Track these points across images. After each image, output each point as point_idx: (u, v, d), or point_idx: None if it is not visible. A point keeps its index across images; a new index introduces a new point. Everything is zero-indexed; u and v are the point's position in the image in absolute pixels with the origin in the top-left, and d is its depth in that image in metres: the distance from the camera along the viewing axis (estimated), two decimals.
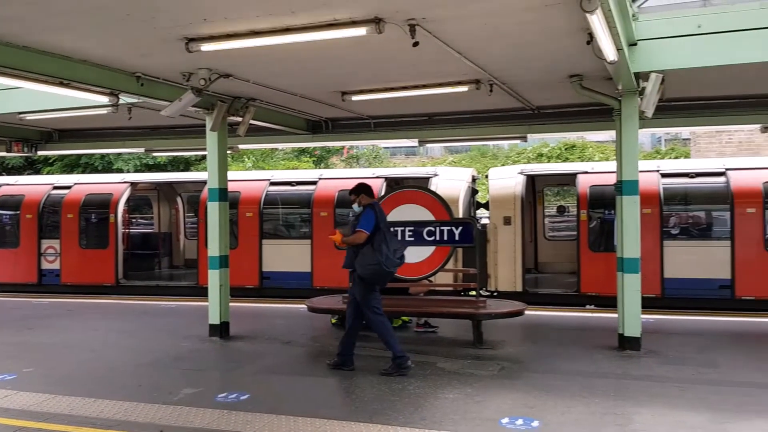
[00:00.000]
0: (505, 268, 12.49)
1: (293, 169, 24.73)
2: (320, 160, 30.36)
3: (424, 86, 8.92)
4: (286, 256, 13.62)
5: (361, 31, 5.98)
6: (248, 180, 14.90)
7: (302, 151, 29.40)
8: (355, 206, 7.55)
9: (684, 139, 28.13)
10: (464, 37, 6.69)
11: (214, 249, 9.60)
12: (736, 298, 11.19)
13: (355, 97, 9.47)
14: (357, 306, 7.42)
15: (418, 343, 8.97)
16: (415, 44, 6.17)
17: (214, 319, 9.48)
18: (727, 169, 11.80)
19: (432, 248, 9.04)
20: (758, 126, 11.11)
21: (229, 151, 11.41)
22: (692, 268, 11.37)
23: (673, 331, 9.43)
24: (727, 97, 10.23)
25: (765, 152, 16.89)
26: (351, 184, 13.28)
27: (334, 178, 14.23)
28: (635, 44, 7.55)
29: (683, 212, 12.50)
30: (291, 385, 7.02)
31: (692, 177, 12.18)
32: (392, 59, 7.57)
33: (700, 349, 8.26)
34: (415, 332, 9.57)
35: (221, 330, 9.44)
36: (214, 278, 9.54)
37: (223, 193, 9.72)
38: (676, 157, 25.53)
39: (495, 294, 12.37)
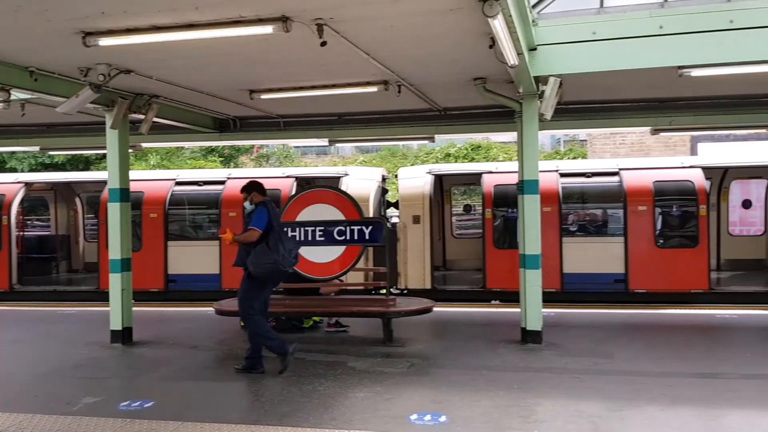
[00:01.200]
0: (415, 266, 12.68)
1: (199, 168, 24.12)
2: (229, 159, 29.76)
3: (334, 86, 8.93)
4: (194, 257, 13.28)
5: (267, 29, 5.92)
6: (152, 180, 14.40)
7: (210, 150, 28.71)
8: (247, 204, 7.46)
9: (581, 141, 29.48)
10: (372, 38, 6.75)
11: (115, 252, 9.24)
12: (629, 291, 11.84)
13: (263, 96, 9.36)
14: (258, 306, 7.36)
15: (330, 343, 8.97)
16: (323, 44, 6.17)
17: (116, 324, 9.12)
18: (620, 169, 12.46)
19: (343, 248, 9.06)
20: (648, 128, 11.81)
21: (131, 150, 11.02)
22: (589, 263, 11.95)
23: (572, 324, 9.88)
24: (621, 100, 10.82)
25: (655, 153, 17.99)
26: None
27: (244, 178, 13.94)
28: (535, 49, 7.85)
29: (581, 210, 13.13)
30: (198, 390, 6.86)
31: (588, 177, 12.79)
32: (301, 58, 7.53)
33: (596, 340, 8.70)
34: (327, 332, 9.57)
35: (123, 336, 9.10)
36: (115, 282, 9.18)
37: (124, 194, 9.37)
38: (574, 158, 26.73)
39: (405, 292, 12.54)
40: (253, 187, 7.50)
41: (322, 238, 8.89)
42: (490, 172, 13.05)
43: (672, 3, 7.84)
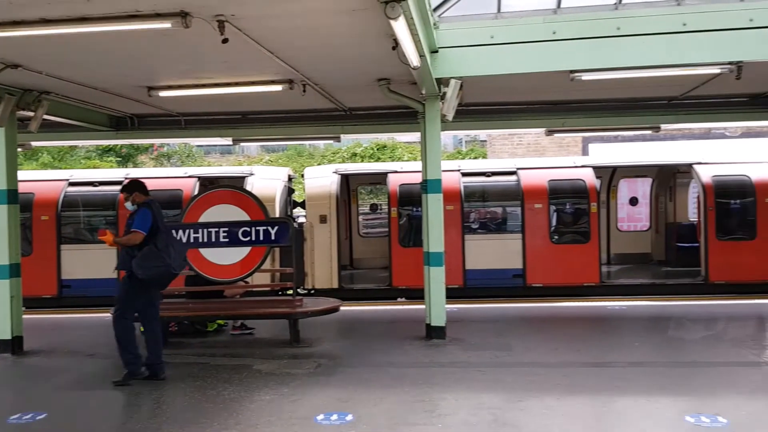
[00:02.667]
0: (322, 266, 12.67)
1: (95, 168, 23.05)
2: (127, 158, 28.62)
3: (237, 84, 8.79)
4: (90, 261, 12.67)
5: (165, 24, 5.76)
6: (43, 180, 13.65)
7: (107, 150, 27.50)
8: (129, 204, 7.13)
9: (482, 141, 30.29)
10: (275, 36, 6.70)
11: (3, 257, 8.69)
12: (527, 286, 12.34)
13: (163, 93, 9.08)
14: (146, 310, 7.12)
15: (235, 346, 8.82)
16: (225, 41, 6.08)
17: (5, 333, 8.59)
18: (518, 169, 12.96)
19: (248, 249, 8.92)
20: (543, 129, 12.35)
21: (20, 149, 10.41)
22: (490, 259, 12.35)
23: (474, 318, 10.18)
24: (518, 103, 11.26)
25: (550, 153, 18.80)
26: (161, 184, 12.68)
27: (143, 178, 13.40)
28: (437, 51, 8.04)
29: (482, 208, 13.55)
30: (95, 400, 6.57)
31: (489, 176, 13.21)
32: (202, 55, 7.37)
33: (497, 334, 9.00)
34: (232, 335, 9.40)
35: (13, 345, 8.58)
36: (3, 289, 8.64)
37: (12, 195, 8.82)
38: (475, 158, 27.50)
39: (312, 292, 12.51)
40: (134, 187, 7.17)
41: (227, 240, 8.72)
42: (396, 172, 13.23)
43: (564, 10, 8.24)
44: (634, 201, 15.47)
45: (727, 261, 12.11)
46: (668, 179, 14.75)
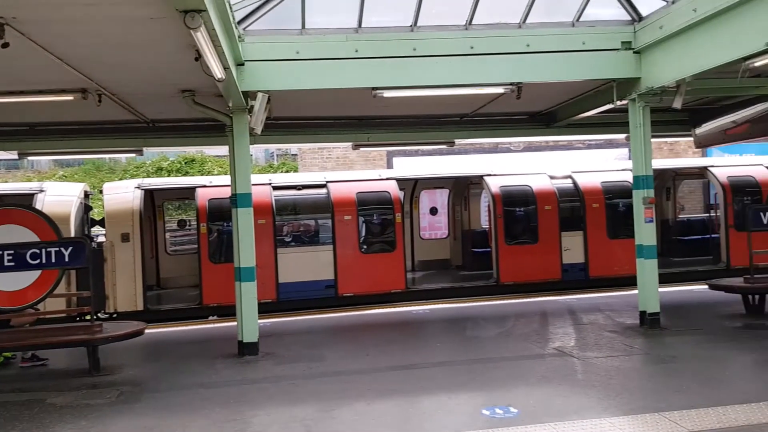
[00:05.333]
0: (125, 287, 11.95)
1: None
2: None
3: (21, 93, 8.09)
4: None
5: None
6: None
7: None
8: None
9: (293, 155, 30.47)
10: (66, 42, 6.28)
11: None
12: (339, 296, 12.61)
13: None
14: None
15: (25, 379, 8.02)
16: (5, 45, 5.58)
17: None
18: (327, 182, 13.23)
19: (38, 272, 8.17)
20: (350, 143, 12.75)
21: None
22: (303, 271, 12.45)
23: (287, 331, 10.19)
24: (326, 117, 11.55)
25: (357, 166, 19.42)
26: None
27: None
28: (243, 64, 8.01)
29: (294, 221, 13.64)
30: None
31: (300, 189, 13.35)
32: None
33: (310, 345, 9.10)
34: (21, 368, 8.53)
35: None
36: None
37: None
38: (287, 171, 27.59)
39: (115, 315, 11.75)
40: None
41: (12, 263, 7.92)
42: (204, 186, 12.87)
43: (365, 29, 8.62)
44: (434, 211, 16.44)
45: (515, 263, 13.28)
46: (463, 190, 15.90)
